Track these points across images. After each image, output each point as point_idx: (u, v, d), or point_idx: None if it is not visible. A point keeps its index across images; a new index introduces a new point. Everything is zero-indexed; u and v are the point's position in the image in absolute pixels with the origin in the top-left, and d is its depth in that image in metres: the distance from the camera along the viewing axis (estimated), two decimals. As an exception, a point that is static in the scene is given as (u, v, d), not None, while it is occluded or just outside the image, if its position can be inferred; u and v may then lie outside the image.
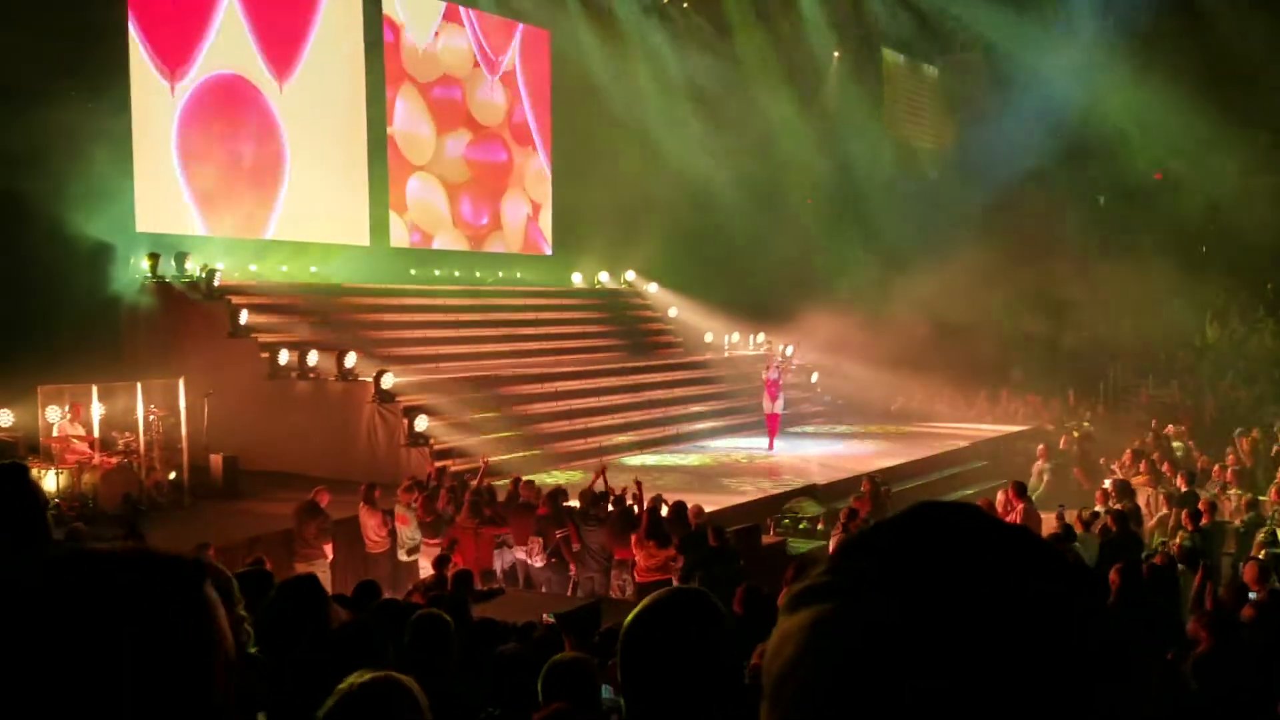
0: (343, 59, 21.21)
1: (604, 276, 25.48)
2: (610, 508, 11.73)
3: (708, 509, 12.13)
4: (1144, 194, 26.77)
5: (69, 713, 0.80)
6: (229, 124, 19.09)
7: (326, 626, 3.59)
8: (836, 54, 28.45)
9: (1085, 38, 25.88)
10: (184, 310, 17.26)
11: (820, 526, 13.50)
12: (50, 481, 13.10)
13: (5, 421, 14.20)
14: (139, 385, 14.07)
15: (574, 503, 11.90)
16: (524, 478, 12.78)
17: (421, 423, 15.41)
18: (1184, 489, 12.92)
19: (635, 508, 11.49)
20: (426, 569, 11.50)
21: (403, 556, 11.81)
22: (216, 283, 17.28)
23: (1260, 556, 8.75)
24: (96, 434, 13.76)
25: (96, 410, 13.84)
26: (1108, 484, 13.45)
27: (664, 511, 11.29)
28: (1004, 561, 0.71)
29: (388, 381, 15.78)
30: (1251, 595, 7.64)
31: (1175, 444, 17.65)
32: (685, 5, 26.50)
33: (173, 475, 14.11)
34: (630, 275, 25.69)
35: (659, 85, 25.07)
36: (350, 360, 16.14)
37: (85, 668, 0.80)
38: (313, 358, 16.32)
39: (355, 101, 21.42)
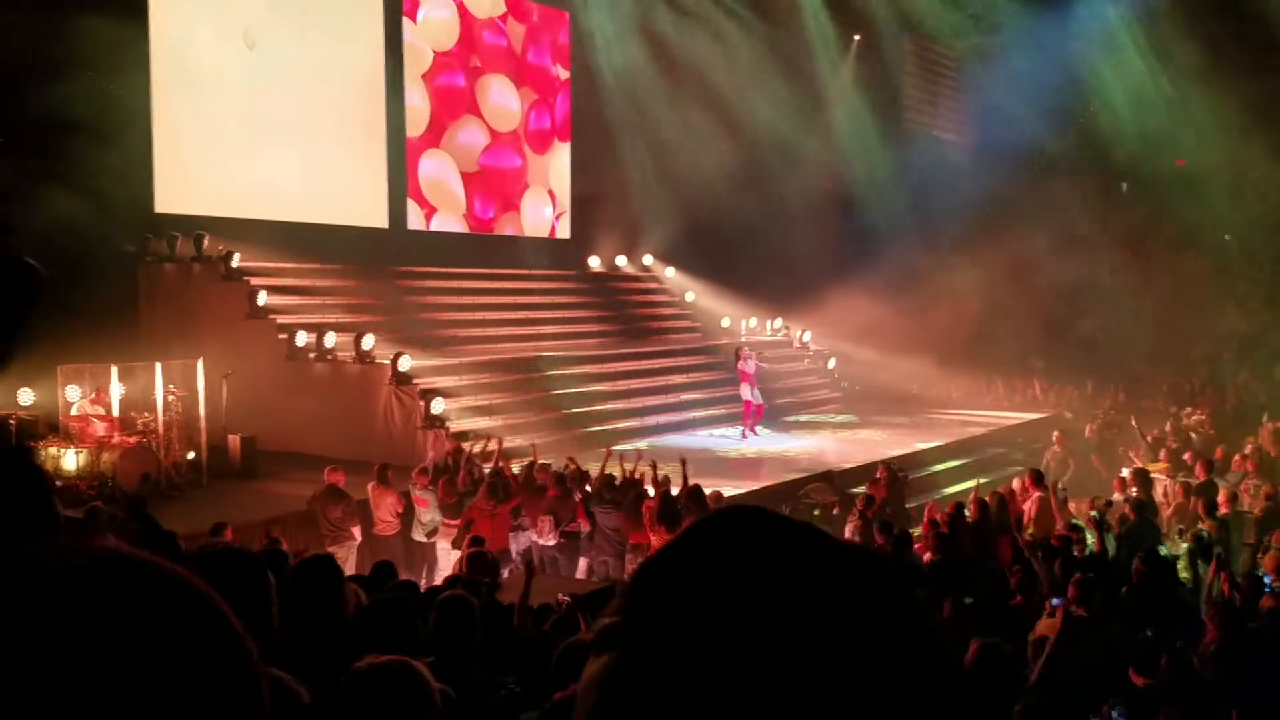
0: (362, 38, 21.24)
1: (621, 260, 25.46)
2: (625, 491, 11.72)
3: (726, 494, 12.14)
4: (1167, 181, 26.53)
5: None
6: (250, 104, 19.10)
7: (343, 608, 3.60)
8: (857, 37, 28.26)
9: (1108, 20, 25.64)
10: (202, 291, 17.33)
11: (836, 512, 13.48)
12: (70, 460, 13.22)
13: (26, 400, 14.32)
14: (158, 365, 14.15)
15: (588, 487, 11.92)
16: (539, 461, 12.80)
17: (438, 405, 15.44)
18: (1203, 478, 12.84)
19: (650, 491, 11.50)
20: (445, 549, 11.60)
21: (420, 537, 11.87)
22: (235, 264, 17.34)
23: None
24: (116, 413, 13.85)
25: (116, 390, 13.92)
26: (1126, 473, 13.38)
27: (674, 491, 11.29)
28: (785, 581, 0.66)
29: (405, 364, 15.81)
30: (1267, 580, 7.58)
31: (1194, 433, 17.55)
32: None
33: (191, 455, 14.20)
34: (648, 259, 25.64)
35: (676, 67, 24.94)
36: (368, 342, 16.19)
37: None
38: (330, 339, 16.38)
39: (375, 83, 21.42)
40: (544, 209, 25.24)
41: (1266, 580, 7.95)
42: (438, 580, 10.06)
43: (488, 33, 23.78)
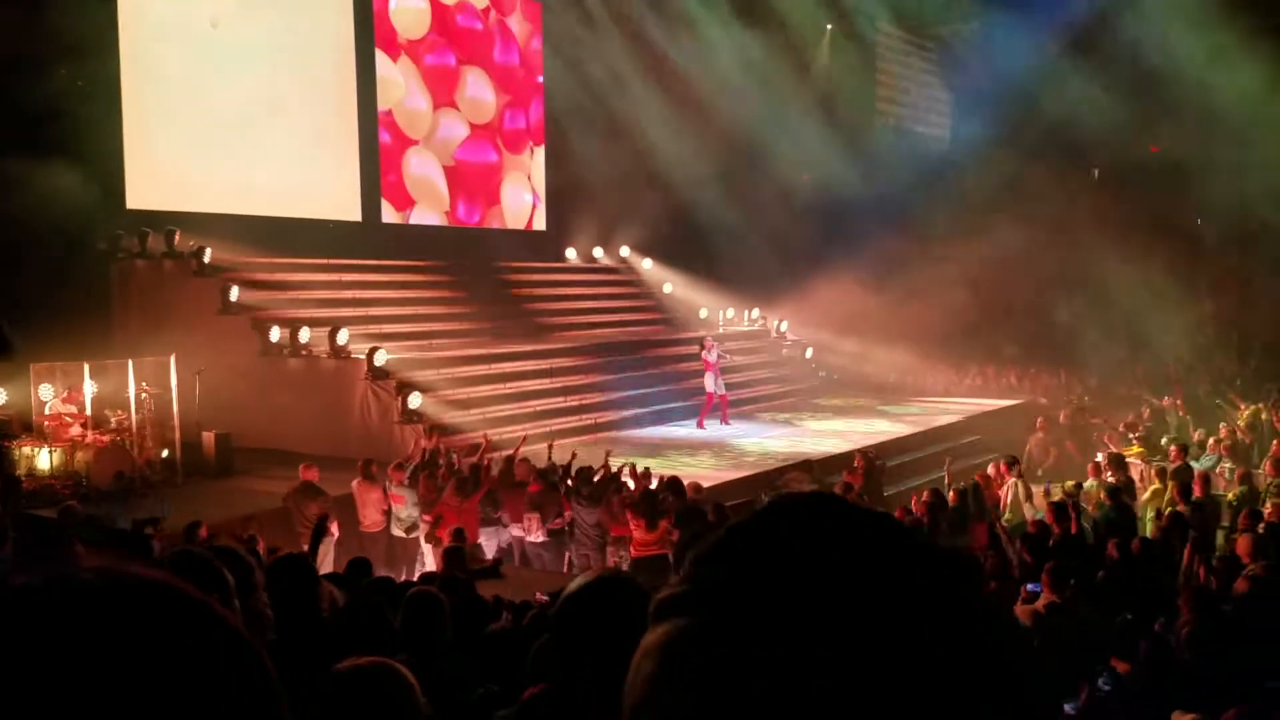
0: (331, 27, 21.10)
1: (598, 252, 25.42)
2: (603, 485, 11.70)
3: (705, 484, 12.14)
4: (1139, 167, 26.68)
5: None
6: (221, 99, 18.92)
7: (317, 606, 3.57)
8: (830, 27, 28.28)
9: (1079, 6, 25.75)
10: (175, 287, 17.21)
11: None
12: (44, 460, 13.11)
13: (-1, 400, 14.19)
14: (130, 363, 14.02)
15: (569, 481, 11.91)
16: (518, 456, 12.76)
17: (414, 400, 15.37)
18: (1178, 462, 12.92)
19: (631, 485, 11.49)
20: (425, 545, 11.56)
21: (399, 532, 11.82)
22: (207, 259, 17.21)
23: (1259, 530, 8.76)
24: (89, 412, 13.73)
25: (89, 388, 13.80)
26: (1101, 457, 13.46)
27: (654, 485, 11.29)
28: (862, 563, 0.65)
29: (381, 358, 15.73)
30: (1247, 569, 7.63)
31: (1169, 417, 17.67)
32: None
33: (165, 453, 14.09)
34: (625, 251, 25.62)
35: (652, 58, 24.90)
36: (343, 337, 16.10)
37: None
38: (304, 334, 16.26)
39: (346, 77, 21.30)
40: (524, 194, 25.17)
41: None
42: (418, 576, 10.02)
43: (460, 16, 23.65)
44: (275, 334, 16.27)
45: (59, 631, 0.64)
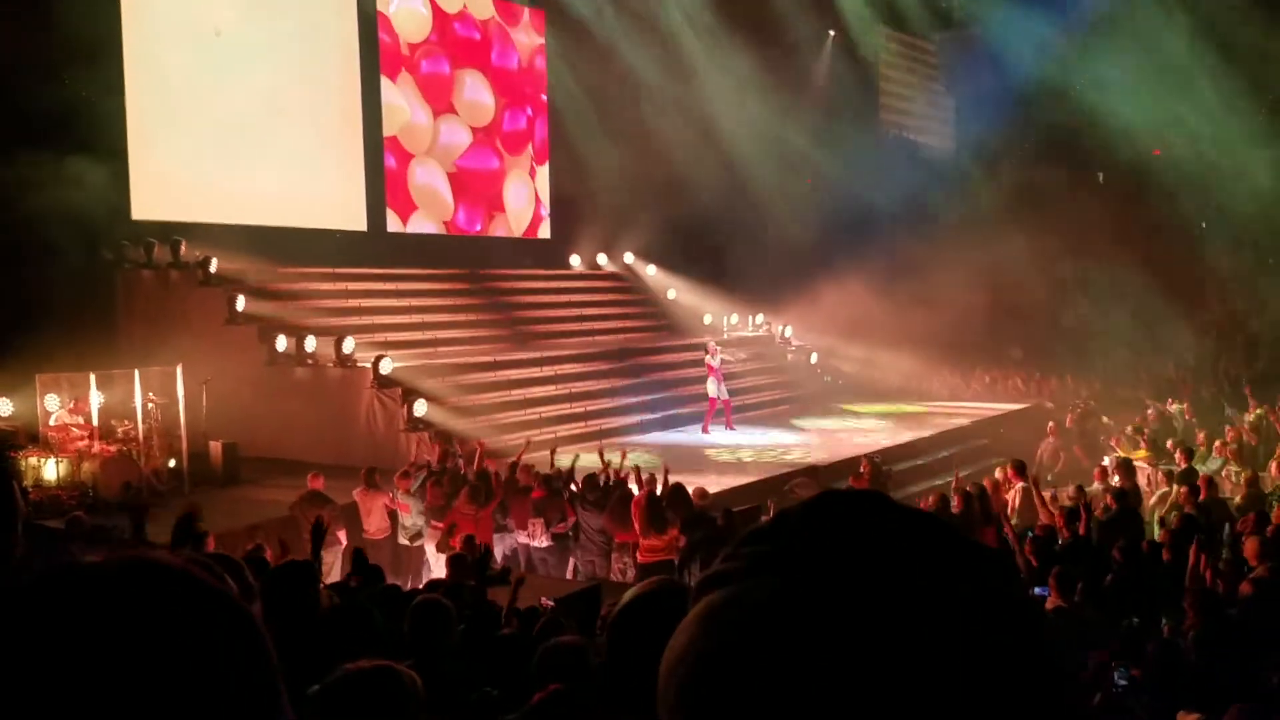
0: (335, 35, 21.16)
1: (602, 259, 25.44)
2: (609, 491, 11.68)
3: (710, 490, 12.13)
4: (1143, 170, 26.64)
5: None
6: (226, 108, 18.99)
7: (316, 609, 3.58)
8: (832, 32, 28.30)
9: (1082, 9, 25.75)
10: (181, 297, 17.25)
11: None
12: (50, 471, 13.13)
13: (4, 410, 14.23)
14: (137, 373, 14.05)
15: (573, 487, 11.91)
16: (521, 462, 12.75)
17: (420, 407, 15.39)
18: (1184, 465, 12.90)
19: (635, 489, 11.48)
20: (431, 552, 11.54)
21: (404, 541, 11.81)
22: (212, 269, 17.25)
23: (1268, 533, 8.74)
24: (95, 422, 13.76)
25: (95, 398, 13.84)
26: (1107, 461, 13.43)
27: (658, 490, 11.27)
28: (903, 545, 0.67)
29: (386, 367, 15.76)
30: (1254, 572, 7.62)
31: (1174, 421, 17.63)
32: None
33: (172, 463, 14.12)
34: (629, 258, 25.63)
35: (656, 65, 24.92)
36: (348, 346, 16.13)
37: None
38: (310, 344, 16.30)
39: (350, 84, 21.35)
40: (527, 199, 25.19)
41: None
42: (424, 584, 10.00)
43: (459, 25, 23.70)
44: (281, 343, 16.30)
45: (76, 617, 0.66)
